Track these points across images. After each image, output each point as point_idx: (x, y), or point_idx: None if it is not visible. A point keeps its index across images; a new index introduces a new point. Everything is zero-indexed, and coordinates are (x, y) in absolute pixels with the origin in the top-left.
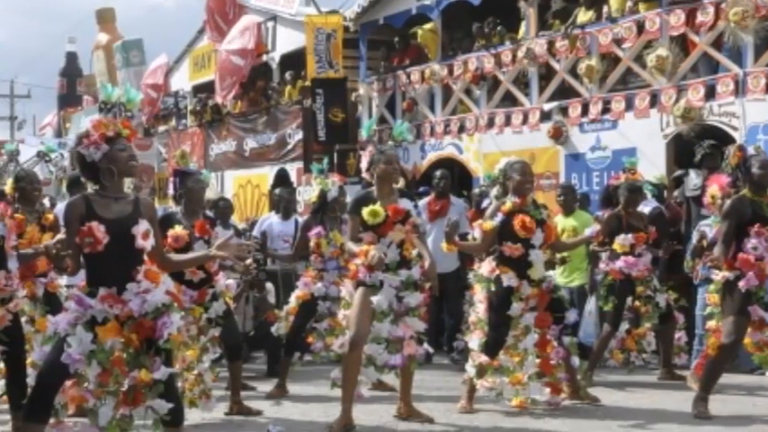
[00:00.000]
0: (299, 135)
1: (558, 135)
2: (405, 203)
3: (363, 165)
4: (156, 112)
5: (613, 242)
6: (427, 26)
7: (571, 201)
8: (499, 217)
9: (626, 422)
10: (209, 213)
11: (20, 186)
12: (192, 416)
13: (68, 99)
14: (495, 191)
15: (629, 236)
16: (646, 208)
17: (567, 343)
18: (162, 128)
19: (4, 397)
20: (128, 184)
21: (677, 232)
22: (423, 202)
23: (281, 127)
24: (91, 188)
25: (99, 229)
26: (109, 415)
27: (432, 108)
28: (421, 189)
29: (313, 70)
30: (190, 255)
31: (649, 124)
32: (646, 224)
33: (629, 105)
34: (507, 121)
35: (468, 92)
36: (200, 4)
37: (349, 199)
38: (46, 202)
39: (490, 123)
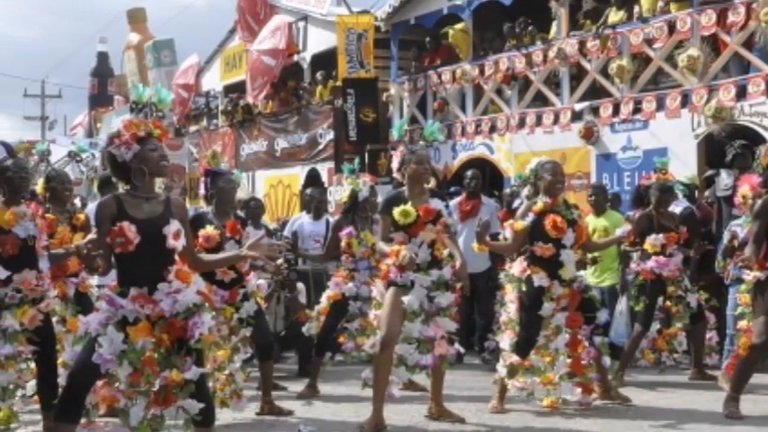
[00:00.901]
0: (330, 135)
1: (590, 135)
2: (436, 203)
3: (394, 165)
4: (187, 113)
5: (644, 242)
6: (458, 26)
7: (602, 201)
8: (530, 217)
9: (657, 422)
10: (241, 213)
11: (51, 186)
12: (223, 416)
13: (99, 99)
14: (526, 191)
15: (661, 236)
16: (677, 208)
17: (599, 343)
18: (193, 128)
19: (36, 397)
20: (159, 184)
21: (708, 232)
22: (454, 202)
23: (313, 127)
24: (122, 188)
25: (130, 230)
26: (140, 415)
27: (463, 108)
28: (452, 189)
29: (344, 70)
30: (221, 255)
31: (680, 124)
32: (677, 224)
33: (661, 105)
34: (538, 121)
35: (499, 92)
36: (231, 3)
37: (380, 199)
38: (77, 202)
39: (521, 123)
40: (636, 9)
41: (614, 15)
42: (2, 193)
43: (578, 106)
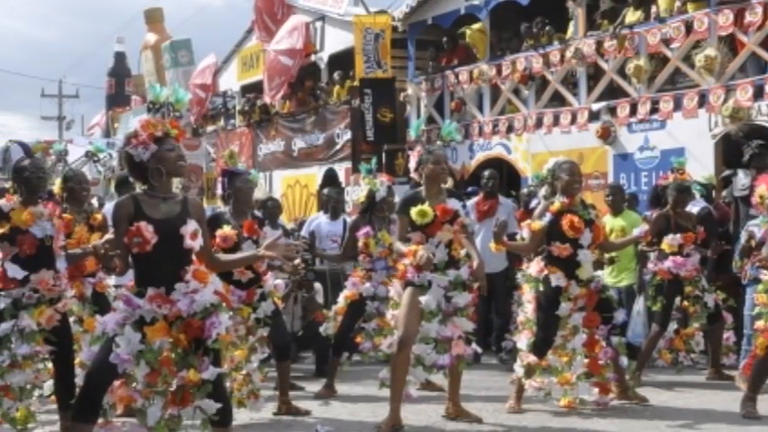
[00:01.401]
0: (348, 135)
1: (607, 135)
2: (453, 203)
3: (412, 165)
4: (204, 113)
5: (662, 242)
6: (476, 26)
7: (619, 201)
8: (548, 217)
9: (674, 422)
10: (258, 213)
11: (68, 186)
12: (240, 416)
13: (117, 99)
14: (543, 191)
15: (678, 236)
16: (694, 208)
17: (616, 343)
18: (210, 128)
19: (53, 397)
20: (176, 184)
21: (725, 232)
22: (471, 202)
23: (330, 127)
24: (139, 188)
25: (147, 230)
26: (157, 415)
27: (480, 108)
28: (469, 189)
29: (361, 70)
30: (238, 255)
31: (698, 124)
32: (694, 224)
33: (678, 105)
34: (556, 121)
35: (516, 92)
36: (248, 4)
37: (397, 199)
38: (94, 202)
39: (539, 123)
40: (653, 9)
41: (631, 15)
42: (19, 192)
43: (595, 106)
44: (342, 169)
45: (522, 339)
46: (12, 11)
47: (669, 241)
